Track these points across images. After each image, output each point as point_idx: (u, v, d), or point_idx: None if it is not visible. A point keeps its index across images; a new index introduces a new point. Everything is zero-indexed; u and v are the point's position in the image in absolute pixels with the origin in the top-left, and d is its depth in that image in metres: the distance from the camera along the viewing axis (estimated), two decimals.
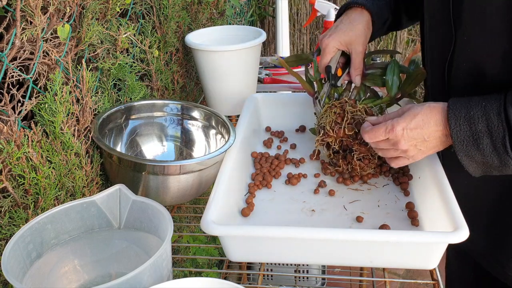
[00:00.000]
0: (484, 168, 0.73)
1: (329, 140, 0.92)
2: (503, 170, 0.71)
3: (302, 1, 2.57)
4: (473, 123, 0.69)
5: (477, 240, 0.88)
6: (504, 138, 0.67)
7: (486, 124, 0.68)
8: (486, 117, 0.68)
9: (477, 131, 0.68)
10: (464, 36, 0.77)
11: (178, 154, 1.04)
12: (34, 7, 0.70)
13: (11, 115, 0.70)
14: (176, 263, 1.41)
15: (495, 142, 0.67)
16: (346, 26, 0.93)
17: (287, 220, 0.85)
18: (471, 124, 0.69)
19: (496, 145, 0.68)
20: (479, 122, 0.68)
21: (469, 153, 0.71)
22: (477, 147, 0.69)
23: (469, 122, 0.69)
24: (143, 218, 0.73)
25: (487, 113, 0.68)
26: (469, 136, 0.69)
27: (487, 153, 0.69)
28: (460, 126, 0.70)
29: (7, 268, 0.59)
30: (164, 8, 1.13)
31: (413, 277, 1.86)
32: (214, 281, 0.60)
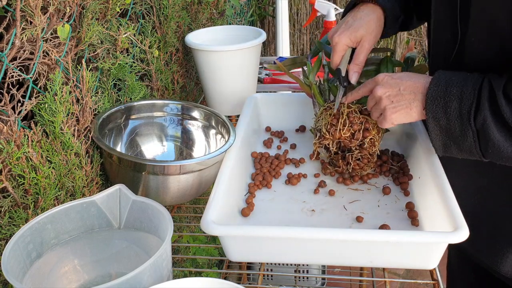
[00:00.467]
0: (445, 138, 0.76)
1: (326, 143, 0.92)
2: (461, 144, 0.74)
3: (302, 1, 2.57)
4: (450, 85, 0.73)
5: (478, 244, 0.89)
6: (471, 106, 0.70)
7: (461, 89, 0.71)
8: (463, 83, 0.72)
9: (450, 94, 0.72)
10: (471, 37, 0.78)
11: (178, 154, 1.04)
12: (34, 7, 0.70)
13: (11, 115, 0.70)
14: (176, 263, 1.41)
15: (462, 108, 0.71)
16: (357, 22, 0.90)
17: (287, 220, 0.85)
18: (447, 86, 0.73)
19: (462, 111, 0.71)
20: (454, 86, 0.72)
21: (436, 115, 0.74)
22: (445, 110, 0.73)
23: (447, 84, 0.73)
24: (143, 218, 0.73)
25: (465, 80, 0.72)
26: (441, 96, 0.73)
27: (452, 117, 0.72)
28: (438, 86, 0.74)
29: (7, 268, 0.59)
30: (164, 8, 1.13)
31: (413, 277, 1.86)
32: (214, 281, 0.60)
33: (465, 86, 0.71)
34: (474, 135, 0.71)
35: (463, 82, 0.72)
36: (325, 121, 0.92)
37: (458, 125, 0.72)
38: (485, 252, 0.90)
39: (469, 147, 0.73)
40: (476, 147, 0.73)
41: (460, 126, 0.72)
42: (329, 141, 0.92)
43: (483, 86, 0.70)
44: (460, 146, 0.75)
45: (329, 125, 0.91)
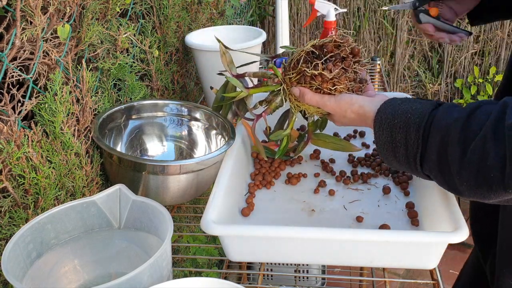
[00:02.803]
0: (400, 168, 0.73)
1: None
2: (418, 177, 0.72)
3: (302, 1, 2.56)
4: (394, 131, 0.68)
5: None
6: (416, 154, 0.66)
7: (405, 136, 0.67)
8: (406, 129, 0.67)
9: (395, 140, 0.68)
10: None
11: (178, 154, 1.04)
12: (34, 7, 0.70)
13: (11, 115, 0.70)
14: (176, 263, 1.41)
15: (409, 155, 0.67)
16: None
17: (287, 220, 0.85)
18: (392, 132, 0.68)
19: (409, 158, 0.67)
20: (399, 132, 0.68)
21: (387, 157, 0.71)
22: (394, 155, 0.69)
23: (391, 129, 0.69)
24: (143, 218, 0.73)
25: (408, 125, 0.67)
26: (388, 142, 0.69)
27: (401, 162, 0.69)
28: (382, 131, 0.70)
29: (7, 268, 0.59)
30: (164, 8, 1.13)
31: (413, 277, 1.86)
32: (214, 281, 0.60)
33: (408, 132, 0.67)
34: (425, 176, 0.69)
35: (405, 126, 0.67)
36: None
37: (408, 168, 0.70)
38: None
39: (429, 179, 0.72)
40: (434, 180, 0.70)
41: (410, 169, 0.70)
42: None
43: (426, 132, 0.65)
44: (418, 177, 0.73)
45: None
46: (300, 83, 0.80)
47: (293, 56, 0.82)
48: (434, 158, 0.64)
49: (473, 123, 0.60)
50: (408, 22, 2.50)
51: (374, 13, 2.51)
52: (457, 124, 0.61)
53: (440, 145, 0.63)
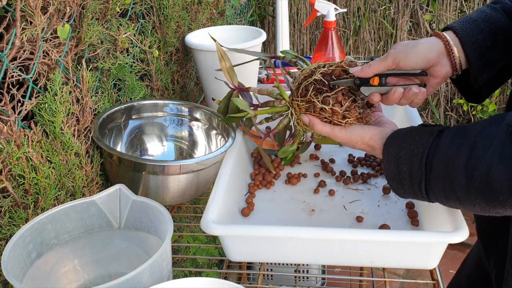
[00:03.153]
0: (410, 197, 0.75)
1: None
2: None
3: (302, 1, 2.56)
4: (400, 163, 0.71)
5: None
6: (421, 184, 0.68)
7: (410, 167, 0.69)
8: (411, 161, 0.69)
9: (402, 172, 0.71)
10: None
11: (178, 154, 1.04)
12: (34, 7, 0.70)
13: (11, 115, 0.70)
14: (176, 263, 1.41)
15: (414, 184, 0.70)
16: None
17: (287, 220, 0.85)
18: (398, 164, 0.71)
19: (415, 188, 0.70)
20: (404, 163, 0.70)
21: (396, 188, 0.73)
22: (401, 185, 0.72)
23: (397, 162, 0.71)
24: (143, 218, 0.73)
25: (412, 157, 0.69)
26: (396, 174, 0.72)
27: (408, 192, 0.71)
28: (389, 164, 0.72)
29: (7, 268, 0.59)
30: (164, 8, 1.13)
31: (413, 277, 1.86)
32: (214, 281, 0.60)
33: (413, 162, 0.69)
34: (429, 201, 0.71)
35: (410, 157, 0.69)
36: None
37: (415, 197, 0.72)
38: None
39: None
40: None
41: (417, 198, 0.72)
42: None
43: (429, 160, 0.67)
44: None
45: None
46: (309, 111, 0.78)
47: (301, 80, 0.80)
48: (440, 186, 0.66)
49: (478, 150, 0.62)
50: (408, 22, 2.50)
51: (374, 13, 2.51)
52: (461, 152, 0.63)
53: (445, 174, 0.65)
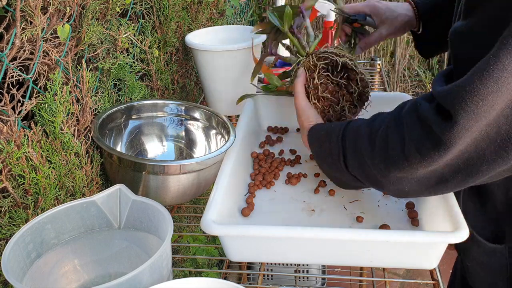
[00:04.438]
0: (340, 182, 0.81)
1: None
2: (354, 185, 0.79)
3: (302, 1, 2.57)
4: (322, 142, 0.76)
5: None
6: (339, 157, 0.73)
7: (329, 144, 0.74)
8: (329, 138, 0.74)
9: (323, 150, 0.76)
10: None
11: (178, 154, 1.04)
12: (34, 7, 0.70)
13: (11, 115, 0.70)
14: (176, 263, 1.41)
15: (334, 160, 0.74)
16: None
17: (287, 220, 0.85)
18: (320, 143, 0.76)
19: (336, 163, 0.74)
20: (325, 141, 0.75)
21: (323, 167, 0.79)
22: (326, 163, 0.77)
23: (319, 141, 0.77)
24: (143, 218, 0.73)
25: (330, 135, 0.75)
26: (319, 153, 0.77)
27: (333, 168, 0.76)
28: (314, 143, 0.78)
29: (7, 268, 0.59)
30: (164, 8, 1.13)
31: (413, 277, 1.86)
32: (214, 281, 0.60)
33: (331, 140, 0.74)
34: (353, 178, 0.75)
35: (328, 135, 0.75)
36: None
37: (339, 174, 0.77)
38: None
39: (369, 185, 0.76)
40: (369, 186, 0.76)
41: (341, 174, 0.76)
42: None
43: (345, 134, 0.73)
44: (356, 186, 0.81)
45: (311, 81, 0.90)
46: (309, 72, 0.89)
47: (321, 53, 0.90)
48: (353, 156, 0.71)
49: (377, 119, 0.69)
50: None
51: None
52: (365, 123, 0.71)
53: (354, 144, 0.70)
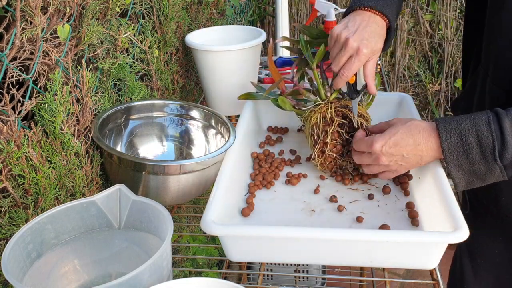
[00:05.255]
0: (469, 177, 0.77)
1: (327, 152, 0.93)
2: (486, 179, 0.76)
3: (302, 1, 2.56)
4: (464, 134, 0.73)
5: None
6: (494, 148, 0.71)
7: (476, 135, 0.72)
8: (476, 128, 0.72)
9: (467, 142, 0.73)
10: None
11: (178, 154, 1.04)
12: (34, 7, 0.70)
13: (11, 115, 0.70)
14: (176, 263, 1.41)
15: (485, 151, 0.72)
16: (375, 39, 0.85)
17: (287, 220, 0.85)
18: (461, 136, 0.73)
19: (485, 154, 0.72)
20: (469, 133, 0.73)
21: (458, 163, 0.75)
22: (467, 156, 0.74)
23: (460, 133, 0.74)
24: (143, 218, 0.73)
25: (476, 125, 0.72)
26: (459, 146, 0.74)
27: (476, 161, 0.73)
28: (451, 138, 0.74)
29: (7, 268, 0.59)
30: (164, 8, 1.13)
31: (413, 277, 1.86)
32: (214, 281, 0.60)
33: (479, 130, 0.72)
34: (501, 169, 0.73)
35: (474, 126, 0.73)
36: (315, 121, 0.93)
37: (483, 166, 0.74)
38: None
39: (496, 178, 0.75)
40: (504, 177, 0.74)
41: (486, 166, 0.73)
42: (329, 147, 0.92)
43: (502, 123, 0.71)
44: (485, 181, 0.76)
45: (322, 131, 0.92)
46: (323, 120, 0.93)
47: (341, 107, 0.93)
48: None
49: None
50: (408, 22, 2.50)
51: None
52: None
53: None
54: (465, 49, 1.05)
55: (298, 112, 1.00)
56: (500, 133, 0.70)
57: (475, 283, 1.05)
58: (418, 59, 2.54)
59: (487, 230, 0.99)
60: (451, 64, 2.50)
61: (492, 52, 0.84)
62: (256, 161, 1.01)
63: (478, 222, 0.96)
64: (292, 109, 0.99)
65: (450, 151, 0.74)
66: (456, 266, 1.10)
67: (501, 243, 0.97)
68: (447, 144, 0.74)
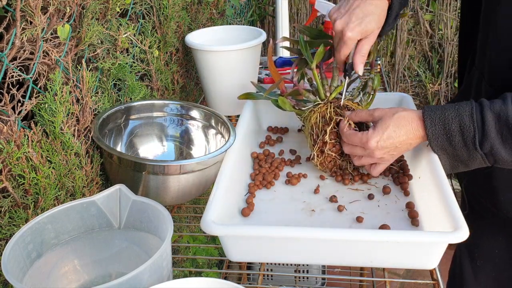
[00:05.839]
0: (453, 161, 0.82)
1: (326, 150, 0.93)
2: (469, 164, 0.80)
3: (302, 1, 2.57)
4: (447, 123, 0.77)
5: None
6: (475, 137, 0.75)
7: (459, 124, 0.76)
8: (459, 118, 0.76)
9: (450, 130, 0.77)
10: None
11: (178, 154, 1.04)
12: (34, 7, 0.70)
13: (11, 115, 0.70)
14: (176, 263, 1.41)
15: (466, 139, 0.76)
16: (369, 17, 0.87)
17: (287, 220, 0.85)
18: (445, 124, 0.78)
19: (467, 142, 0.76)
20: (452, 122, 0.77)
21: (442, 147, 0.80)
22: (450, 143, 0.78)
23: (443, 122, 0.78)
24: (143, 218, 0.73)
25: (460, 115, 0.76)
26: (443, 134, 0.78)
27: (458, 148, 0.78)
28: (435, 126, 0.79)
29: (7, 268, 0.59)
30: (164, 8, 1.13)
31: (413, 277, 1.86)
32: (214, 281, 0.60)
33: (462, 120, 0.76)
34: (482, 157, 0.77)
35: (457, 116, 0.77)
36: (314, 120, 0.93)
37: (465, 153, 0.78)
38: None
39: (479, 164, 0.79)
40: (486, 163, 0.78)
41: (468, 153, 0.78)
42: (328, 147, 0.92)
43: (483, 115, 0.75)
44: (469, 166, 0.81)
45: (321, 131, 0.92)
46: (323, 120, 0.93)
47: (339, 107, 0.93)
48: (493, 135, 0.74)
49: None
50: (408, 22, 2.50)
51: None
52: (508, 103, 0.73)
53: (497, 123, 0.73)
54: (461, 49, 1.06)
55: (298, 112, 1.00)
56: (482, 123, 0.74)
57: (475, 283, 1.05)
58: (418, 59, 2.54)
59: (487, 230, 0.99)
60: (451, 64, 2.50)
61: (486, 53, 0.84)
62: (256, 161, 1.01)
63: (478, 222, 0.96)
64: (292, 109, 0.99)
65: (434, 137, 0.79)
66: (456, 266, 1.10)
67: (501, 243, 0.97)
68: (431, 131, 0.79)
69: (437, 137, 0.79)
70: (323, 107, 0.93)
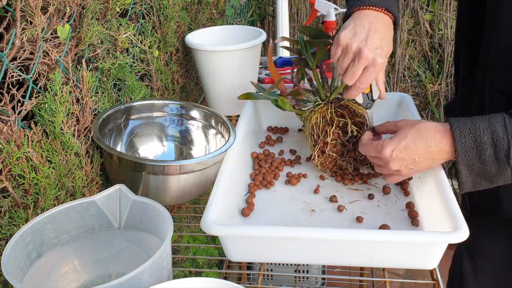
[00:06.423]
0: (477, 178, 0.75)
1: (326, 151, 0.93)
2: (494, 180, 0.74)
3: (302, 1, 2.56)
4: (479, 135, 0.72)
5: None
6: (509, 150, 0.70)
7: (491, 136, 0.71)
8: (492, 129, 0.71)
9: (481, 142, 0.71)
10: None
11: (178, 154, 1.04)
12: (34, 7, 0.70)
13: (11, 115, 0.70)
14: (176, 263, 1.41)
15: (498, 153, 0.71)
16: (387, 42, 0.81)
17: (287, 220, 0.85)
18: (476, 136, 0.72)
19: (499, 156, 0.71)
20: (484, 133, 0.71)
21: (470, 163, 0.73)
22: (479, 157, 0.72)
23: (474, 134, 0.72)
24: (143, 218, 0.73)
25: (492, 126, 0.71)
26: (473, 147, 0.72)
27: (488, 162, 0.72)
28: (465, 137, 0.72)
29: (7, 268, 0.59)
30: (164, 8, 1.13)
31: (413, 277, 1.86)
32: (214, 281, 0.60)
33: (494, 131, 0.71)
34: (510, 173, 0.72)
35: (490, 127, 0.71)
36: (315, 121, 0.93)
37: (494, 168, 0.72)
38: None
39: (504, 181, 0.74)
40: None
41: (497, 167, 0.72)
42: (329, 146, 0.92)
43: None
44: (493, 182, 0.75)
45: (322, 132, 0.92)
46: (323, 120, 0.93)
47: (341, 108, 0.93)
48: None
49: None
50: (408, 22, 2.50)
51: None
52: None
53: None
54: (457, 50, 1.04)
55: (298, 112, 1.00)
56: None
57: (475, 283, 1.05)
58: (418, 59, 2.54)
59: (487, 230, 0.98)
60: (451, 64, 2.50)
61: (490, 53, 0.84)
62: (256, 161, 1.01)
63: (478, 222, 0.96)
64: (292, 109, 0.99)
65: (463, 151, 0.72)
66: (456, 266, 1.10)
67: (501, 243, 0.97)
68: (460, 144, 0.72)
69: (467, 150, 0.72)
70: (324, 108, 0.93)
